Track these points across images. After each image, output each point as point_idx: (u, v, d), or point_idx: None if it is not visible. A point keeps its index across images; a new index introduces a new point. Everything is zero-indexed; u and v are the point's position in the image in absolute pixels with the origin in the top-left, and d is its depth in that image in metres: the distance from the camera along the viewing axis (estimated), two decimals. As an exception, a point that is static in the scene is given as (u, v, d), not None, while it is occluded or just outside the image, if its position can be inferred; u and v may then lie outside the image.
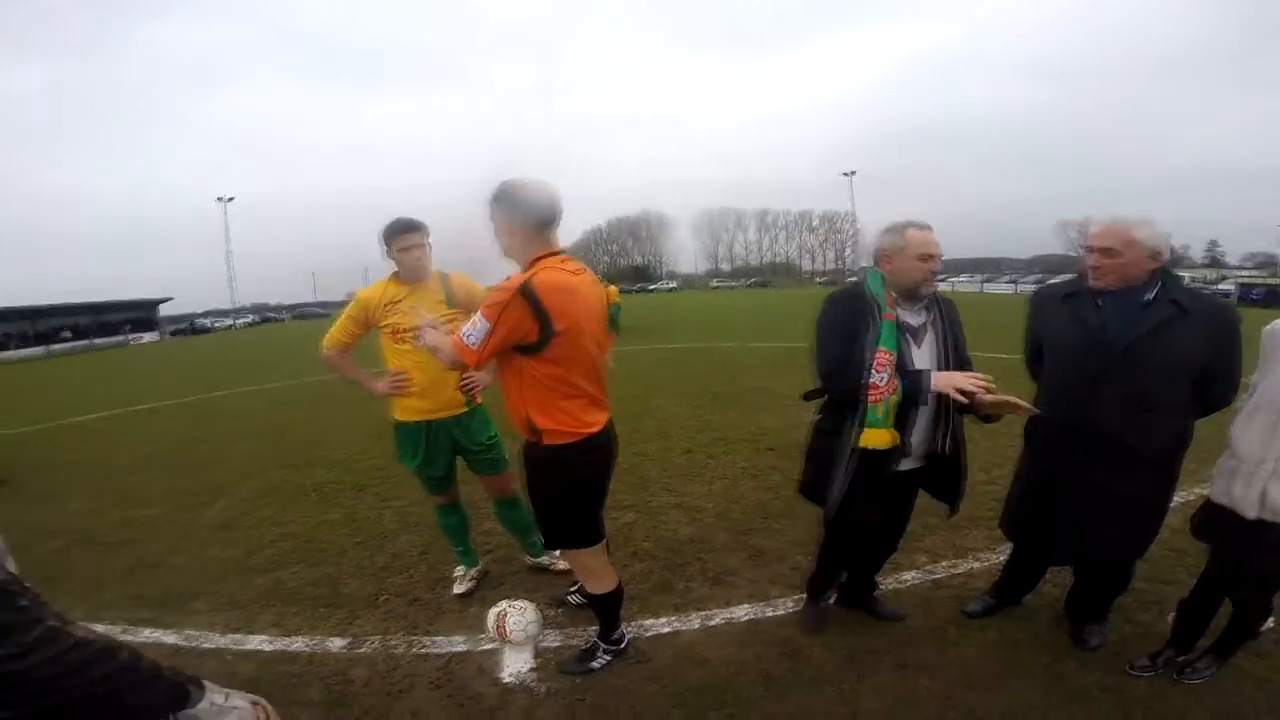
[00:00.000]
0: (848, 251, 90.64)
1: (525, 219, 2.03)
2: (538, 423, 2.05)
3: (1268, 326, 1.99)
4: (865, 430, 2.09)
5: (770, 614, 2.80)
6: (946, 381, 2.01)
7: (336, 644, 2.66)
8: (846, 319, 2.15)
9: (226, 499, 4.68)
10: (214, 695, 1.00)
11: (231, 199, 65.50)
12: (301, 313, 71.18)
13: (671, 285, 78.56)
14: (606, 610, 2.43)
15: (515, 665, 2.46)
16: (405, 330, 2.65)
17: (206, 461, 5.93)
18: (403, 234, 2.66)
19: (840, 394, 2.18)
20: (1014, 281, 41.65)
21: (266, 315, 70.70)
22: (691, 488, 4.44)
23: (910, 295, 2.17)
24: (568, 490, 2.15)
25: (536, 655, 2.52)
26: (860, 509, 2.22)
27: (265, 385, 11.35)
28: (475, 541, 3.29)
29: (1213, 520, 2.08)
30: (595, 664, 2.44)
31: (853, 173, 74.54)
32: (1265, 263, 59.65)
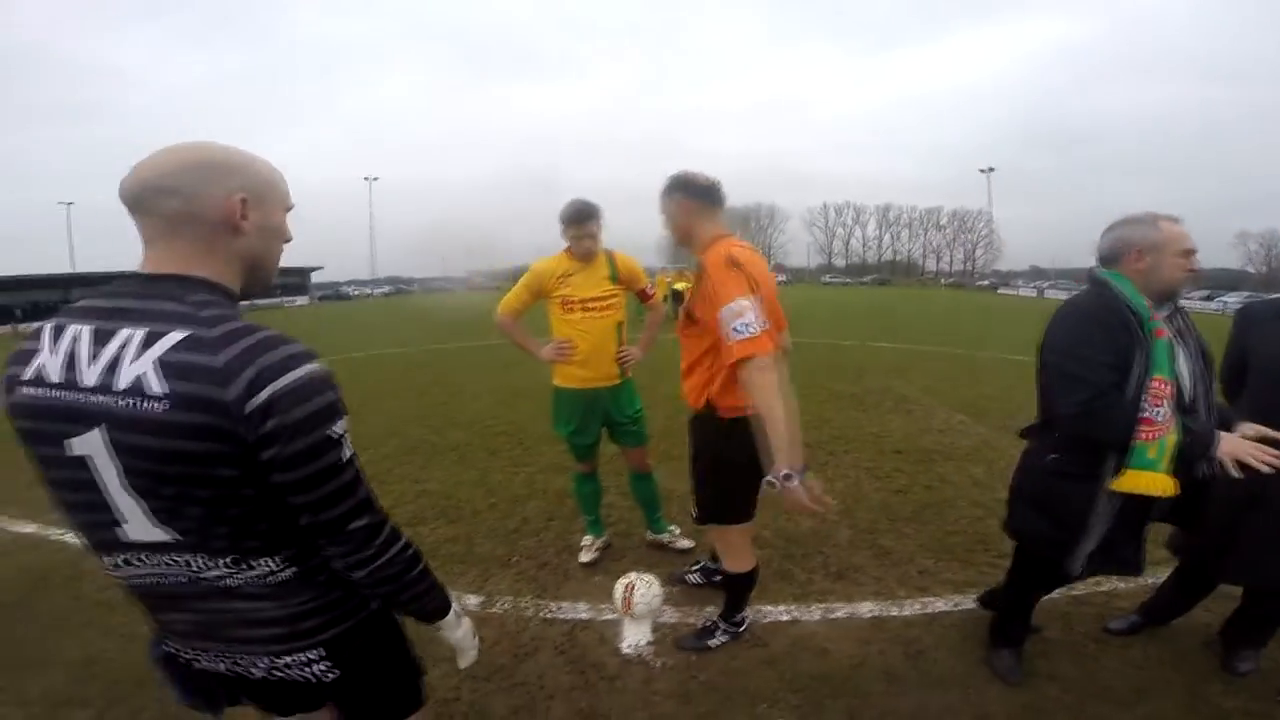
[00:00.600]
0: (979, 252, 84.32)
1: (704, 202, 2.12)
2: (720, 398, 2.09)
3: None
4: (1130, 473, 1.77)
5: (896, 614, 2.73)
6: (1232, 450, 1.67)
7: (471, 601, 2.85)
8: (1112, 340, 1.77)
9: (372, 452, 5.12)
10: (456, 606, 1.19)
11: (376, 179, 71.77)
12: (429, 286, 76.46)
13: (781, 279, 77.02)
14: (738, 591, 2.47)
15: (634, 637, 2.54)
16: (575, 302, 2.83)
17: (354, 415, 6.53)
18: (576, 224, 2.80)
19: (1101, 435, 1.83)
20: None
21: (400, 286, 76.65)
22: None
23: (1161, 300, 1.86)
24: (737, 464, 2.07)
25: (654, 630, 2.59)
26: (1116, 557, 1.93)
27: (403, 349, 12.35)
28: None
29: None
30: (713, 642, 2.48)
31: (991, 169, 69.32)
32: None
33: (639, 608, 2.50)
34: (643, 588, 2.52)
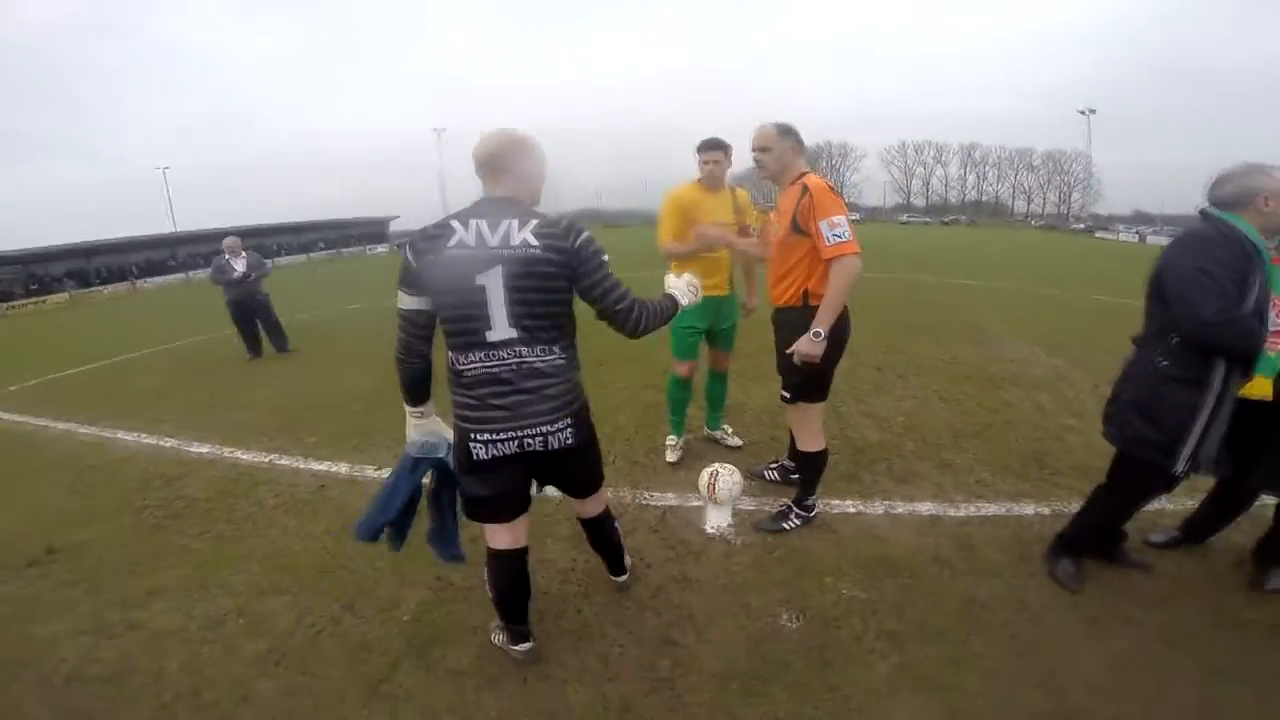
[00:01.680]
0: (1075, 194, 78.04)
1: (801, 146, 2.66)
2: (816, 288, 2.55)
3: None
4: (1256, 379, 2.02)
5: (952, 514, 3.02)
6: None
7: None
8: (1233, 261, 1.95)
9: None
10: (674, 296, 2.06)
11: (444, 130, 72.83)
12: (501, 228, 78.32)
13: (854, 217, 73.90)
14: (812, 470, 2.85)
15: (717, 520, 2.94)
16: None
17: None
18: (708, 150, 3.22)
19: (1233, 343, 1.97)
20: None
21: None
22: (880, 401, 4.65)
23: (1272, 236, 2.03)
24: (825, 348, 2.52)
25: (734, 514, 2.97)
26: (1220, 459, 2.14)
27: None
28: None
29: None
30: (786, 525, 2.85)
31: (1092, 111, 63.20)
32: None
33: (721, 494, 2.88)
34: (725, 476, 2.90)
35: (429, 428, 1.98)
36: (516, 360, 1.71)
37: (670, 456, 3.65)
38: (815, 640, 2.17)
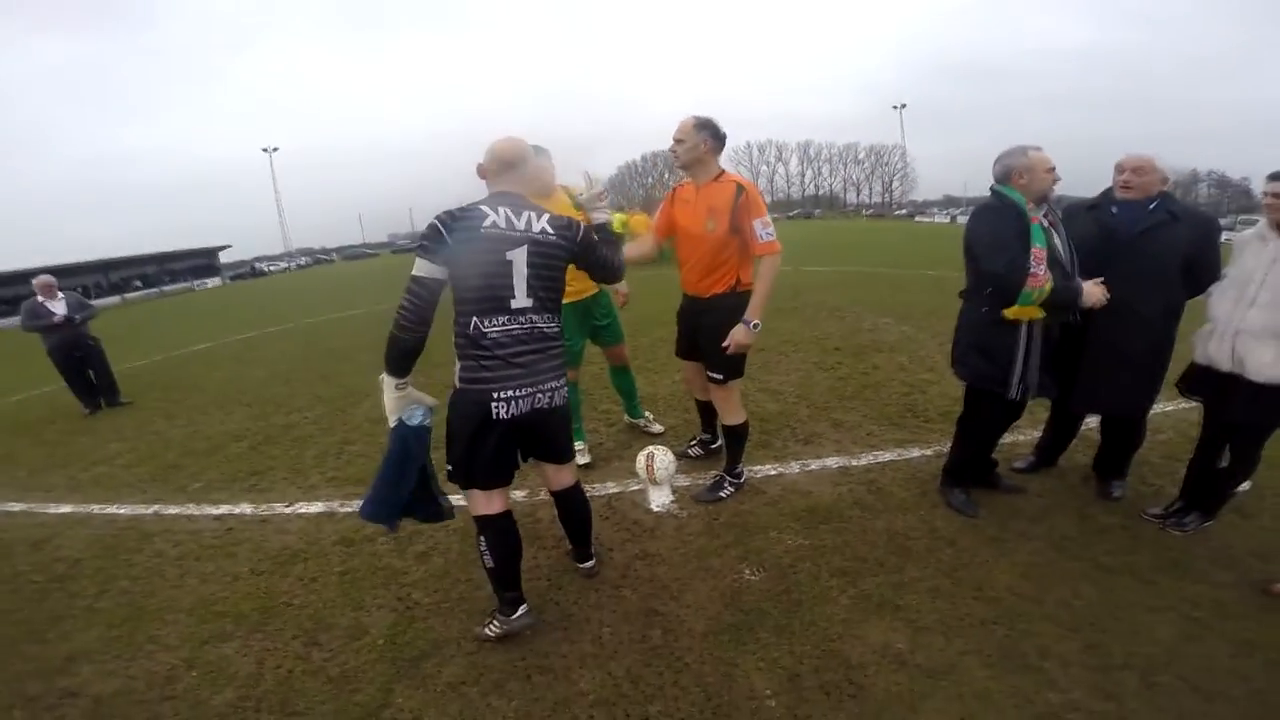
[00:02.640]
0: (895, 184, 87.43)
1: (719, 144, 2.84)
2: (744, 277, 2.87)
3: (1236, 236, 2.55)
4: (1019, 307, 2.49)
5: (855, 464, 3.44)
6: (1089, 292, 2.50)
7: (518, 496, 3.35)
8: (1005, 226, 2.51)
9: (370, 400, 5.42)
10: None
11: (276, 149, 67.05)
12: (351, 253, 73.15)
13: None
14: (738, 441, 3.11)
15: (660, 499, 3.14)
16: None
17: (336, 372, 6.76)
18: None
19: (1012, 289, 2.47)
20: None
21: (318, 258, 72.92)
22: (771, 377, 5.13)
23: (1038, 202, 2.57)
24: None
25: (673, 491, 3.19)
26: (1042, 382, 2.65)
27: (350, 312, 12.32)
28: (595, 419, 4.00)
29: (1196, 378, 2.58)
30: (723, 494, 3.12)
31: (903, 106, 71.77)
32: None
33: (660, 473, 3.09)
34: (660, 456, 3.11)
35: (410, 398, 2.16)
36: (529, 325, 2.05)
37: (583, 459, 3.65)
38: (779, 586, 2.43)
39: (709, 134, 2.79)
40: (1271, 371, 2.28)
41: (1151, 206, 2.65)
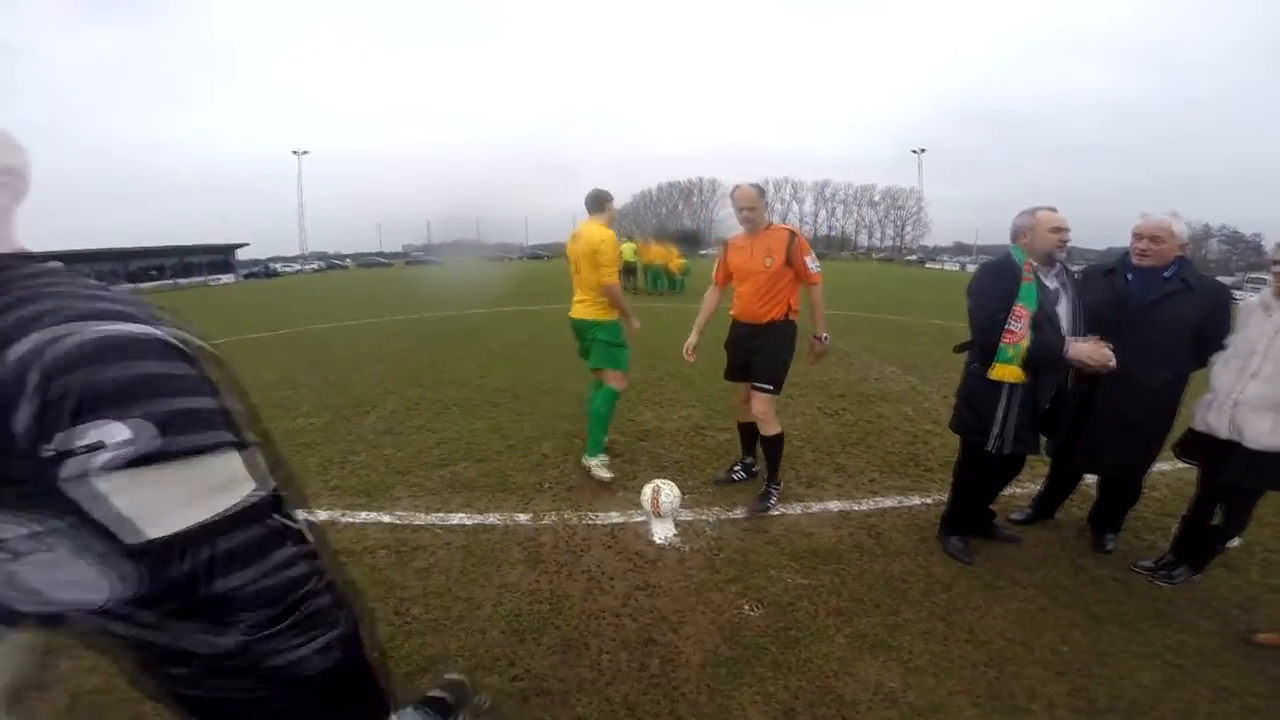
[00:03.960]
0: (908, 229, 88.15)
1: (766, 202, 3.53)
2: (795, 305, 3.44)
3: (1243, 301, 2.63)
4: (996, 365, 2.64)
5: (856, 508, 3.52)
6: (1076, 351, 2.57)
7: (522, 518, 3.43)
8: (995, 284, 2.68)
9: (378, 411, 5.55)
10: None
11: (306, 152, 68.51)
12: (365, 261, 73.98)
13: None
14: (777, 452, 3.55)
15: (663, 532, 3.22)
16: None
17: (345, 380, 6.87)
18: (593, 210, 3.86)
19: (989, 345, 2.65)
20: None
21: (332, 263, 73.78)
22: (778, 418, 5.14)
23: (1046, 262, 2.70)
24: (794, 349, 3.45)
25: (676, 525, 3.27)
26: (1020, 439, 2.75)
27: (365, 320, 12.48)
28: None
29: (1194, 444, 2.67)
30: (770, 502, 3.50)
31: (922, 150, 72.80)
32: None
33: (664, 507, 3.18)
34: (666, 490, 3.20)
35: None
36: None
37: (599, 474, 3.90)
38: (778, 623, 2.50)
39: (764, 198, 3.48)
40: (1269, 440, 2.38)
41: (1167, 275, 2.72)
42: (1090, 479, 3.35)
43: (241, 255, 59.64)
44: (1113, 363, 2.54)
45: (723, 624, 2.51)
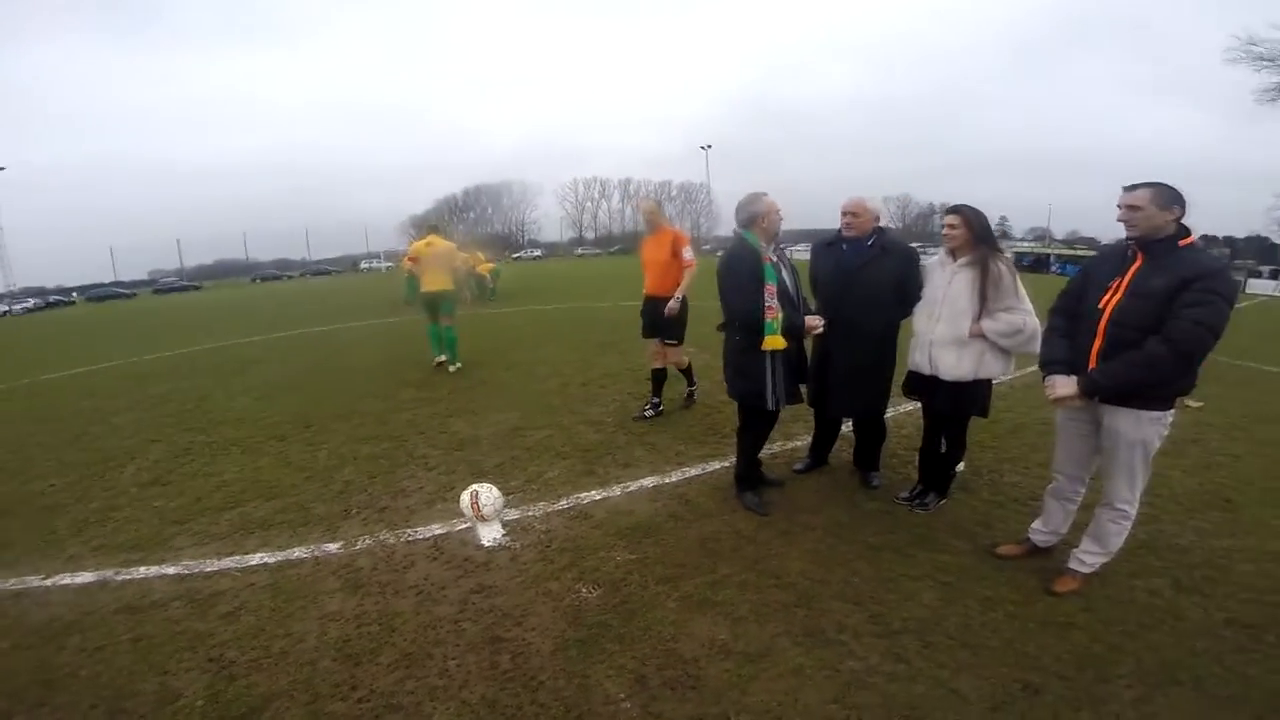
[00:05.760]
0: (701, 220, 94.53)
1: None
2: (680, 280, 4.81)
3: (927, 260, 3.28)
4: (766, 338, 3.07)
5: (667, 481, 3.83)
6: (806, 323, 3.18)
7: (332, 548, 3.22)
8: (745, 269, 3.10)
9: (138, 462, 4.76)
10: None
11: (2, 169, 54.02)
12: (99, 293, 60.88)
13: (535, 254, 77.17)
14: (689, 375, 5.41)
15: (490, 534, 3.20)
16: None
17: (89, 435, 5.74)
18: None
19: (756, 326, 3.08)
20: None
21: (52, 299, 59.58)
22: (592, 409, 5.42)
23: (772, 241, 3.23)
24: (688, 310, 4.89)
25: (503, 525, 3.28)
26: (791, 393, 3.27)
27: (105, 364, 10.40)
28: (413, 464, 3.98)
29: (912, 382, 3.30)
30: (692, 400, 5.43)
31: (709, 147, 77.22)
32: (1041, 235, 71.96)
33: (487, 510, 3.17)
34: (485, 493, 3.19)
35: None
36: None
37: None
38: (615, 599, 2.65)
39: (660, 209, 5.01)
40: (956, 372, 3.01)
41: (869, 243, 3.33)
42: (849, 426, 3.96)
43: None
44: (820, 328, 3.19)
45: (565, 609, 2.60)
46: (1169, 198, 2.28)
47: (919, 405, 3.42)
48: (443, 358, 7.28)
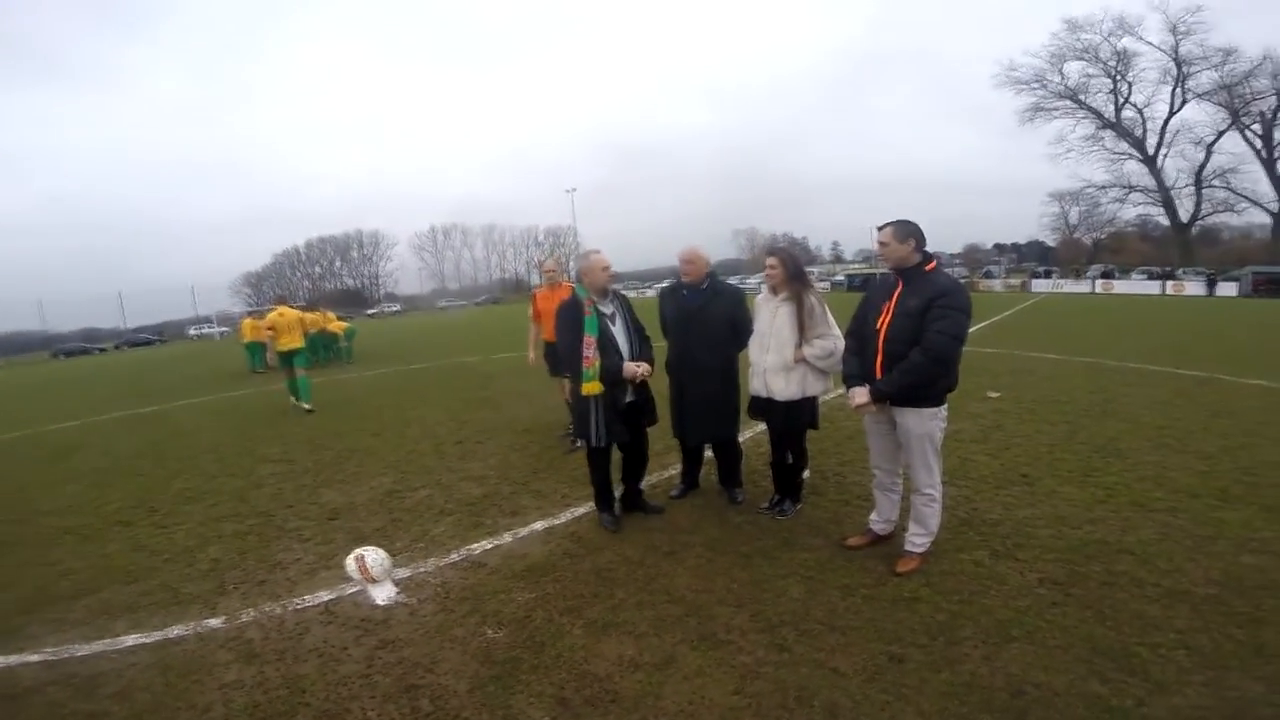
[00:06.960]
0: (571, 263, 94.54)
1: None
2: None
3: (757, 297, 3.80)
4: (584, 384, 3.51)
5: (558, 523, 4.03)
6: (626, 370, 3.56)
7: (215, 623, 3.07)
8: (570, 320, 3.58)
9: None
10: None
11: None
12: None
13: (394, 308, 72.51)
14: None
15: (384, 594, 3.20)
16: None
17: None
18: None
19: (574, 371, 3.51)
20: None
21: None
22: (471, 465, 5.47)
23: (602, 294, 3.67)
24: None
25: (396, 584, 3.30)
26: (614, 431, 3.61)
27: None
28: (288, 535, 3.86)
29: (755, 405, 3.79)
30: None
31: (573, 189, 78.92)
32: (869, 256, 77.46)
33: (376, 570, 3.20)
34: (371, 555, 3.23)
35: None
36: None
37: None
38: (522, 635, 2.79)
39: (561, 268, 5.32)
40: (786, 393, 3.55)
41: (704, 287, 3.90)
42: (709, 452, 4.39)
43: None
44: (641, 374, 3.59)
45: (474, 651, 2.71)
46: (905, 231, 2.97)
47: (765, 425, 3.89)
48: (301, 402, 8.57)
